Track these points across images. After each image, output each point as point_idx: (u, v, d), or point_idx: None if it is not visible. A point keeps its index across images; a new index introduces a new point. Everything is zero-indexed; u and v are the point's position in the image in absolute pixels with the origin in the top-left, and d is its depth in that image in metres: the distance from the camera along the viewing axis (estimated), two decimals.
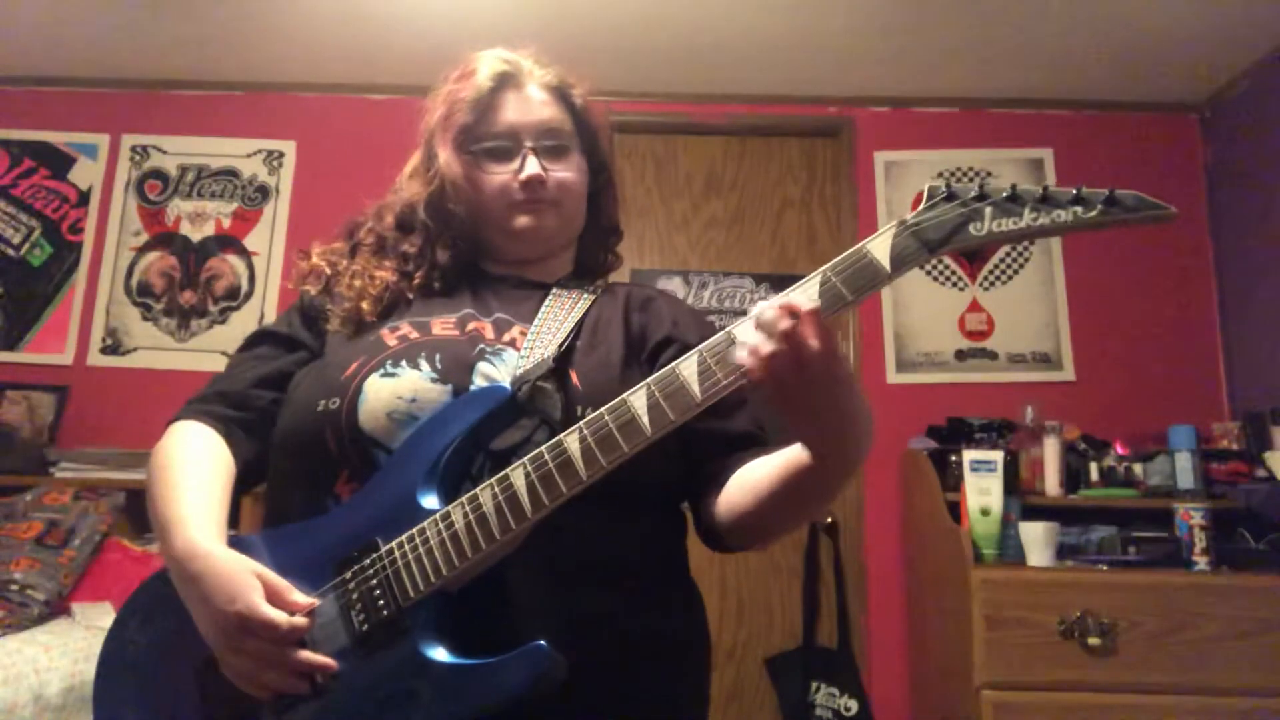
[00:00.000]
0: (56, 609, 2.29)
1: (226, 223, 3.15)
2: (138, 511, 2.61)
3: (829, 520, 2.84)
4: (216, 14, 2.79)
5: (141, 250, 3.13)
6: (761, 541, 0.98)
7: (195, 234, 3.15)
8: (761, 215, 3.17)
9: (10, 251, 3.13)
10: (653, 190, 3.18)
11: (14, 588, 2.24)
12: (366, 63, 3.03)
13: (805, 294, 0.76)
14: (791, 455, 0.85)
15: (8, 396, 2.90)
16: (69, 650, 2.06)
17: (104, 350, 3.05)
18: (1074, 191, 0.73)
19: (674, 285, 3.07)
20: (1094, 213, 0.72)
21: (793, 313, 0.73)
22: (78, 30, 2.92)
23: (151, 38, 2.95)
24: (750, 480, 0.92)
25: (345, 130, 3.18)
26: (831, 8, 2.67)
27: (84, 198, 3.17)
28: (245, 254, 3.13)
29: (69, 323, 3.06)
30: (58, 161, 3.20)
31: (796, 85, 3.11)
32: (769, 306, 0.74)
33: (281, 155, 3.20)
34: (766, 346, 0.73)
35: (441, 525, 0.80)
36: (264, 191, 3.17)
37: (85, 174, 3.19)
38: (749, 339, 0.75)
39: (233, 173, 3.19)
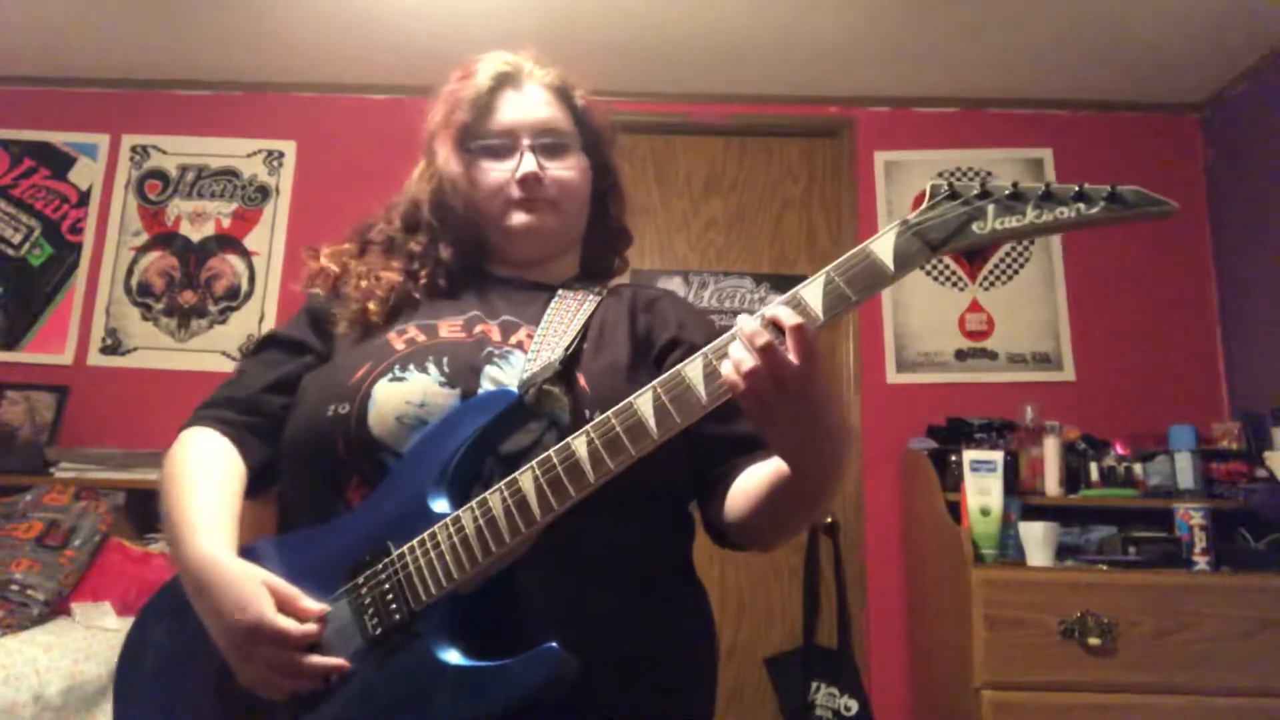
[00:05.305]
0: (56, 609, 2.29)
1: (226, 223, 3.15)
2: (138, 511, 2.61)
3: (829, 520, 2.84)
4: (216, 14, 2.79)
5: (141, 250, 3.13)
6: (765, 544, 0.98)
7: (195, 234, 3.15)
8: (761, 215, 3.16)
9: (10, 251, 3.13)
10: (653, 190, 3.17)
11: (14, 588, 2.24)
12: (366, 63, 3.03)
13: (810, 294, 0.76)
14: (776, 465, 0.86)
15: (8, 396, 2.90)
16: (69, 650, 2.05)
17: (104, 350, 3.05)
18: (1076, 188, 0.72)
19: (674, 285, 3.07)
20: (1096, 209, 0.72)
21: (776, 326, 0.73)
22: (77, 30, 2.92)
23: (151, 38, 2.95)
24: (747, 486, 0.93)
25: (345, 130, 3.18)
26: (831, 8, 2.67)
27: (84, 198, 3.17)
28: (245, 254, 3.13)
29: (69, 323, 3.06)
30: (58, 161, 3.20)
31: (796, 85, 3.11)
32: (751, 319, 0.74)
33: (281, 155, 3.19)
34: (747, 362, 0.72)
35: (452, 529, 0.81)
36: (264, 191, 3.17)
37: (85, 174, 3.19)
38: (735, 352, 0.74)
39: (233, 173, 3.19)
